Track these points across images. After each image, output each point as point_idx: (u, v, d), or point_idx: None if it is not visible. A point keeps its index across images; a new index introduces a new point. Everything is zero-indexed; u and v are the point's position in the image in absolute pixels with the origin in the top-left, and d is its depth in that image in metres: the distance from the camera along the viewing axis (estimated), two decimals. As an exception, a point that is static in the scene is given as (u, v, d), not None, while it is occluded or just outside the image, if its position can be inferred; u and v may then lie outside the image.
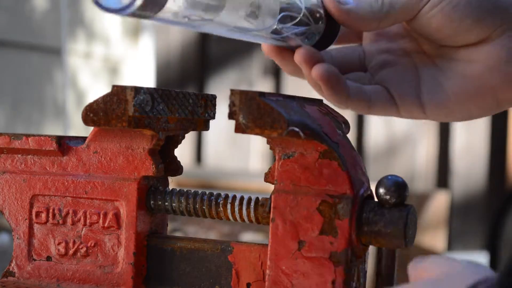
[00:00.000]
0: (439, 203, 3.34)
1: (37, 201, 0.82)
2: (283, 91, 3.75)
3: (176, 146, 0.85)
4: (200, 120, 0.85)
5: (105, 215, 0.80)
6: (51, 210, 0.82)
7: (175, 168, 0.84)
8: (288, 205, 0.74)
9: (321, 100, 0.88)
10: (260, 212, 0.78)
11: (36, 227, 0.82)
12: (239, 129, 0.71)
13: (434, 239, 3.29)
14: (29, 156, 0.83)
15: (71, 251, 0.81)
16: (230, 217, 0.79)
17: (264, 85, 3.86)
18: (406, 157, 3.94)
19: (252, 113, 0.71)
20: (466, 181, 4.07)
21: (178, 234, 1.89)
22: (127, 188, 0.80)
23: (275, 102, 0.72)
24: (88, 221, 0.81)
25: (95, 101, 0.77)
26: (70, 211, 0.81)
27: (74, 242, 0.81)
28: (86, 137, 0.82)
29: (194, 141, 4.20)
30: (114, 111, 0.76)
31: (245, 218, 0.78)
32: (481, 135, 3.94)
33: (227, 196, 0.79)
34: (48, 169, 0.82)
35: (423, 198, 3.29)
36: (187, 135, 0.88)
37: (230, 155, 4.03)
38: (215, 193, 0.80)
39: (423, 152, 3.94)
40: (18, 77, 3.12)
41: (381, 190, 0.73)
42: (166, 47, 3.88)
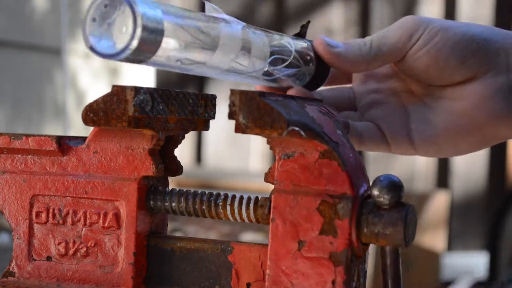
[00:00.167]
0: (439, 203, 3.34)
1: (37, 201, 0.82)
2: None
3: (176, 146, 0.85)
4: (200, 120, 0.85)
5: (105, 215, 0.80)
6: (51, 210, 0.82)
7: (175, 168, 0.84)
8: (288, 205, 0.74)
9: (321, 100, 0.88)
10: (260, 214, 0.78)
11: (36, 227, 0.82)
12: (239, 129, 0.71)
13: (434, 239, 3.29)
14: (29, 156, 0.83)
15: (71, 251, 0.81)
16: (230, 217, 0.79)
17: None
18: (406, 157, 3.94)
19: (252, 113, 0.71)
20: (466, 181, 4.07)
21: (178, 234, 1.89)
22: (127, 188, 0.80)
23: (275, 102, 0.72)
24: (88, 221, 0.81)
25: (95, 101, 0.77)
26: (70, 211, 0.81)
27: (74, 242, 0.81)
28: (86, 137, 0.82)
29: (194, 141, 4.20)
30: (114, 111, 0.76)
31: (245, 218, 0.78)
32: (481, 135, 3.93)
33: (227, 196, 0.79)
34: (48, 169, 0.82)
35: (423, 198, 3.29)
36: (187, 135, 0.88)
37: (230, 155, 4.03)
38: (215, 193, 0.80)
39: (423, 152, 3.93)
40: (18, 77, 3.12)
41: (375, 193, 0.72)
42: (166, 47, 3.87)
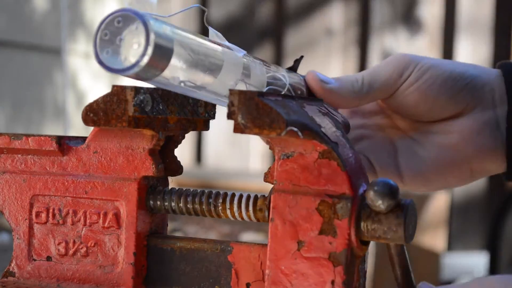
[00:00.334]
0: (439, 203, 3.33)
1: (37, 201, 0.82)
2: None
3: (176, 146, 0.85)
4: (200, 120, 0.85)
5: (105, 215, 0.80)
6: (51, 210, 0.82)
7: (175, 168, 0.84)
8: (288, 205, 0.73)
9: (321, 100, 0.88)
10: (260, 216, 0.78)
11: (36, 227, 0.83)
12: (238, 129, 0.71)
13: (434, 239, 3.29)
14: (29, 156, 0.83)
15: (71, 251, 0.81)
16: (229, 216, 0.79)
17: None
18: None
19: (251, 113, 0.71)
20: (466, 181, 4.06)
21: (178, 234, 1.89)
22: (127, 188, 0.80)
23: (274, 102, 0.72)
24: (88, 221, 0.81)
25: (95, 101, 0.77)
26: (70, 211, 0.81)
27: (74, 242, 0.81)
28: (86, 137, 0.82)
29: (194, 141, 4.20)
30: (114, 111, 0.76)
31: (244, 217, 0.79)
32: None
33: (226, 195, 0.79)
34: (48, 169, 0.82)
35: (423, 198, 3.29)
36: (187, 135, 0.88)
37: (230, 155, 4.03)
38: (214, 192, 0.80)
39: (423, 152, 3.93)
40: (18, 77, 3.12)
41: (369, 202, 0.72)
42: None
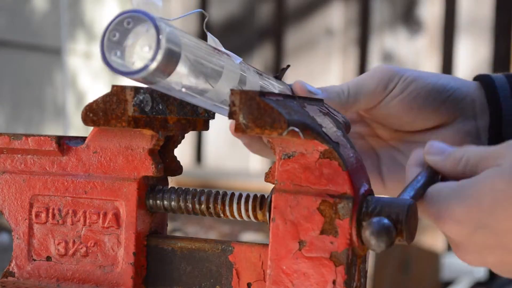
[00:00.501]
0: (439, 203, 3.33)
1: (37, 201, 0.82)
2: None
3: (176, 146, 0.85)
4: (200, 120, 0.85)
5: (105, 215, 0.80)
6: (51, 210, 0.82)
7: (175, 168, 0.84)
8: (289, 205, 0.73)
9: (322, 100, 0.88)
10: (260, 216, 0.78)
11: (36, 227, 0.82)
12: (239, 129, 0.71)
13: (434, 239, 3.29)
14: (29, 156, 0.83)
15: (71, 251, 0.81)
16: (230, 216, 0.79)
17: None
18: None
19: (252, 113, 0.71)
20: (466, 181, 4.06)
21: (178, 234, 1.89)
22: (127, 188, 0.80)
23: (275, 102, 0.71)
24: (88, 221, 0.81)
25: (95, 101, 0.77)
26: (70, 211, 0.81)
27: (74, 242, 0.81)
28: (86, 137, 0.82)
29: (194, 141, 4.20)
30: (114, 111, 0.76)
31: (244, 217, 0.78)
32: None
33: (226, 194, 0.79)
34: (48, 169, 0.82)
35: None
36: (187, 135, 0.88)
37: (230, 155, 4.03)
38: (214, 191, 0.79)
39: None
40: (18, 78, 3.12)
41: (367, 239, 0.71)
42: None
